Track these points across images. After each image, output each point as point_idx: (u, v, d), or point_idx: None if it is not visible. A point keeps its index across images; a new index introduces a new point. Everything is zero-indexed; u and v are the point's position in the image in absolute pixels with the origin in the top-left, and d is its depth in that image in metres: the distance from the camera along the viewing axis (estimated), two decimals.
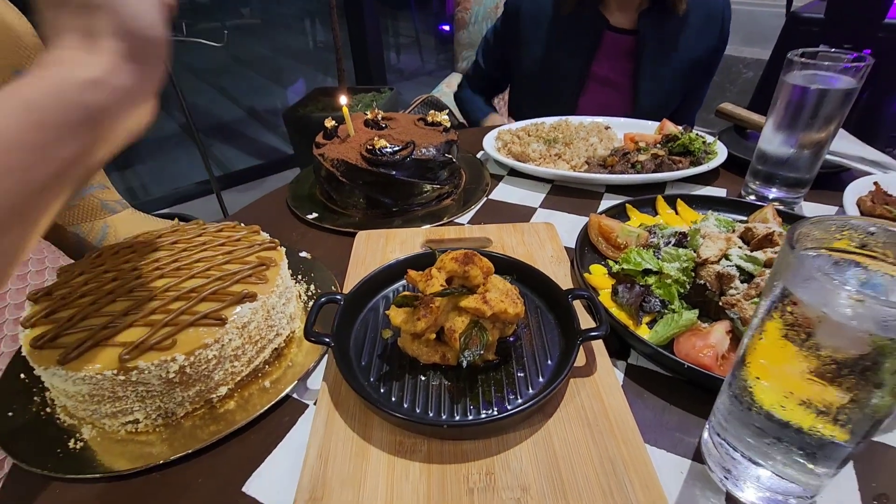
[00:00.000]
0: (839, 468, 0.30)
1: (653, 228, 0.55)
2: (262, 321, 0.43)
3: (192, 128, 1.66)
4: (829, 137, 0.60)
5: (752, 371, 0.30)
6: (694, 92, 1.09)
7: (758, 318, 0.29)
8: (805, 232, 0.27)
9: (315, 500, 0.33)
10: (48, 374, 0.37)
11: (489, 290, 0.39)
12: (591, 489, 0.33)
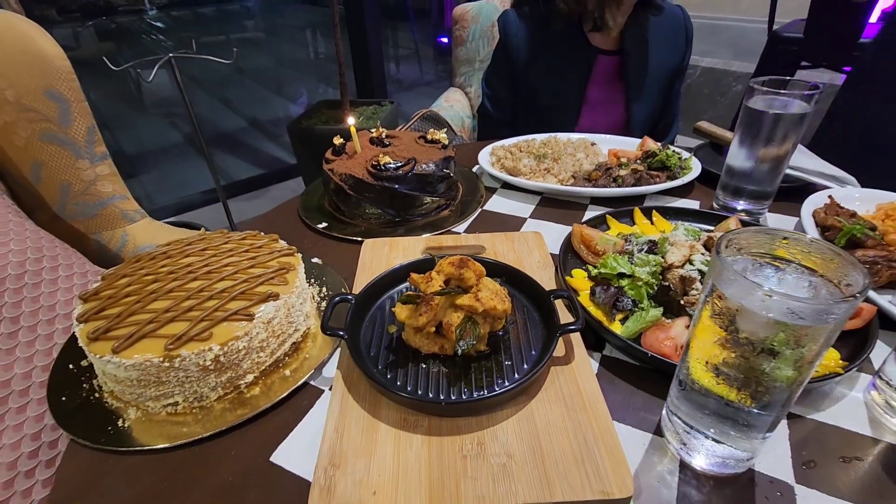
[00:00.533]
0: (767, 433, 0.37)
1: (629, 237, 0.62)
2: (284, 318, 0.50)
3: (199, 137, 1.72)
4: (787, 155, 0.67)
5: (692, 354, 0.36)
6: (673, 103, 1.16)
7: (697, 310, 0.35)
8: (730, 240, 0.34)
9: (334, 467, 0.39)
10: (102, 362, 0.44)
11: (481, 290, 0.46)
12: (565, 456, 0.39)
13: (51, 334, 0.70)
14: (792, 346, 0.30)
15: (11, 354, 0.62)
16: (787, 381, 0.32)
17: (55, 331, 0.70)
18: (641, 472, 0.40)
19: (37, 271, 0.75)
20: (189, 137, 3.33)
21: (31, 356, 0.65)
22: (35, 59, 0.85)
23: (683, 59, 1.13)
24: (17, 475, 0.58)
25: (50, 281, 0.75)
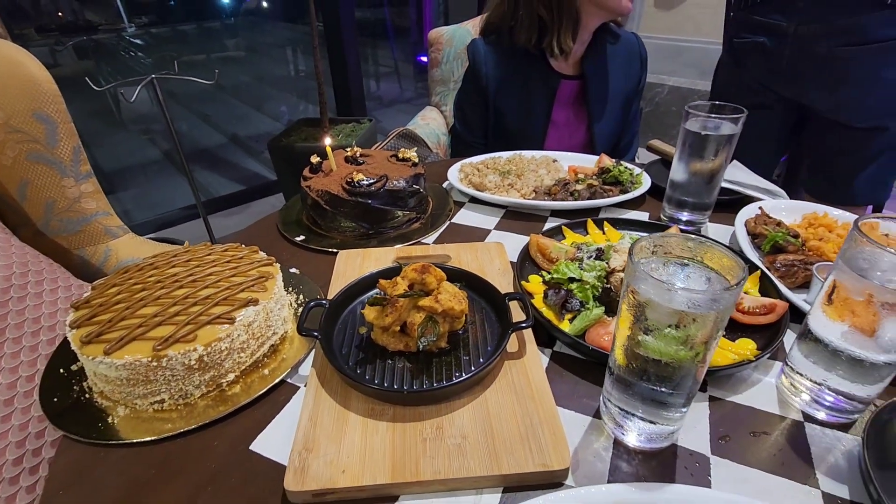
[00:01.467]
0: (682, 409, 0.43)
1: (580, 246, 0.68)
2: (263, 321, 0.54)
3: (179, 154, 1.76)
4: (720, 170, 0.74)
5: (617, 343, 0.42)
6: (633, 121, 1.25)
7: (619, 305, 0.41)
8: (643, 245, 0.40)
9: (307, 451, 0.43)
10: (95, 363, 0.48)
11: (441, 293, 0.51)
12: (513, 436, 0.44)
13: (35, 346, 0.73)
14: (689, 332, 0.36)
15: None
16: (687, 362, 0.38)
17: (40, 342, 0.73)
18: (580, 449, 0.46)
19: (22, 285, 0.78)
20: (168, 154, 3.35)
21: (15, 367, 0.68)
22: (24, 84, 0.89)
23: (639, 81, 1.22)
24: (2, 482, 0.61)
25: (35, 294, 0.78)
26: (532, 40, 1.09)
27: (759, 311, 0.56)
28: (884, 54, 0.98)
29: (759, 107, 1.20)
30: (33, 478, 0.63)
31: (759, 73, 1.15)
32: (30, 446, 0.64)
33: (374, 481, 0.41)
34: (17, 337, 0.72)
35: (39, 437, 0.64)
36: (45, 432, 0.63)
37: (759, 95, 1.18)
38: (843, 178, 1.14)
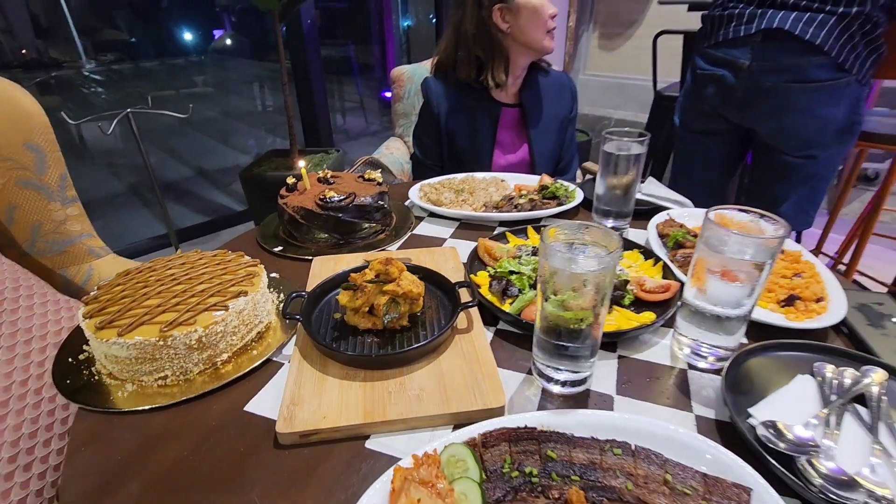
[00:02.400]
0: (590, 360, 0.55)
1: (520, 247, 0.82)
2: (251, 310, 0.64)
3: (153, 183, 1.82)
4: (633, 183, 0.90)
5: (537, 315, 0.55)
6: (569, 145, 1.43)
7: (539, 279, 0.54)
8: (547, 234, 0.53)
9: (294, 405, 0.53)
10: (108, 345, 0.56)
11: (402, 279, 0.63)
12: (461, 387, 0.56)
13: (28, 353, 0.79)
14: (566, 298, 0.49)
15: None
16: (579, 323, 0.51)
17: (32, 350, 0.80)
18: (515, 396, 0.57)
19: (14, 299, 0.85)
20: (133, 187, 3.36)
21: (10, 372, 0.75)
22: (18, 117, 0.97)
23: (571, 110, 1.41)
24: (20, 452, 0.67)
25: (26, 307, 0.85)
26: (472, 75, 1.27)
27: (658, 290, 0.70)
28: (818, 92, 1.18)
29: (712, 132, 1.41)
30: (26, 475, 0.70)
31: (716, 101, 1.34)
32: (24, 445, 0.71)
33: (350, 422, 0.51)
34: (12, 345, 0.78)
35: (33, 437, 0.71)
36: (53, 426, 0.70)
37: (713, 122, 1.38)
38: (772, 203, 1.35)
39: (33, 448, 0.67)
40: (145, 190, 3.28)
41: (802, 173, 1.29)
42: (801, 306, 0.68)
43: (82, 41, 3.17)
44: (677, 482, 0.44)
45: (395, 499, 0.41)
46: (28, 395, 0.75)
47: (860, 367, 0.57)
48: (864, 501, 0.42)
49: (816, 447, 0.47)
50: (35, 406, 0.70)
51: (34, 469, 0.67)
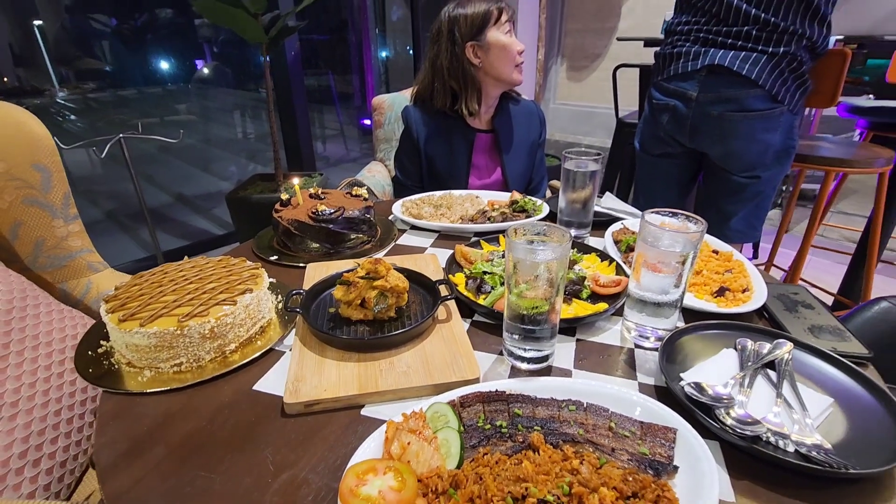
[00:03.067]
0: (550, 341, 0.65)
1: (492, 252, 0.92)
2: (256, 305, 0.73)
3: (142, 207, 1.88)
4: (591, 197, 1.03)
5: (506, 305, 0.65)
6: (539, 166, 1.56)
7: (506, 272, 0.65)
8: (511, 231, 0.64)
9: (298, 381, 0.62)
10: (130, 335, 0.64)
11: (389, 276, 0.73)
12: (441, 365, 0.65)
13: (35, 358, 0.86)
14: (523, 289, 0.60)
15: (3, 374, 0.77)
16: (535, 311, 0.61)
17: (39, 356, 0.86)
18: (488, 372, 0.67)
19: (22, 307, 0.91)
20: (110, 213, 3.38)
21: (19, 375, 0.81)
22: (27, 139, 1.05)
23: (540, 135, 1.55)
24: (9, 472, 0.72)
25: (33, 315, 0.92)
26: (447, 105, 1.41)
27: (611, 284, 0.81)
28: (757, 120, 1.34)
29: (668, 155, 1.56)
30: (36, 469, 0.75)
31: (670, 127, 1.50)
32: (33, 442, 0.76)
33: (347, 393, 0.60)
34: (20, 350, 0.85)
35: (41, 434, 0.77)
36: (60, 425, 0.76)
37: (669, 146, 1.54)
38: (723, 218, 1.51)
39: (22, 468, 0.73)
40: (123, 216, 3.30)
41: (748, 192, 1.45)
42: (730, 296, 0.80)
43: (64, 70, 3.23)
44: (619, 428, 0.54)
45: (389, 445, 0.50)
46: (37, 395, 0.81)
47: (773, 341, 0.68)
48: (765, 433, 0.53)
49: (731, 400, 0.57)
50: (50, 403, 0.76)
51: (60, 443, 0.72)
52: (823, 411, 0.58)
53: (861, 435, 0.55)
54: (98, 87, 3.47)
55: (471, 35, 1.33)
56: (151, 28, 3.48)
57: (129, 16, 3.29)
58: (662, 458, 0.50)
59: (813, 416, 0.56)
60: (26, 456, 0.77)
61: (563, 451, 0.50)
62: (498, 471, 0.47)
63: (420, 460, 0.48)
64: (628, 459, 0.50)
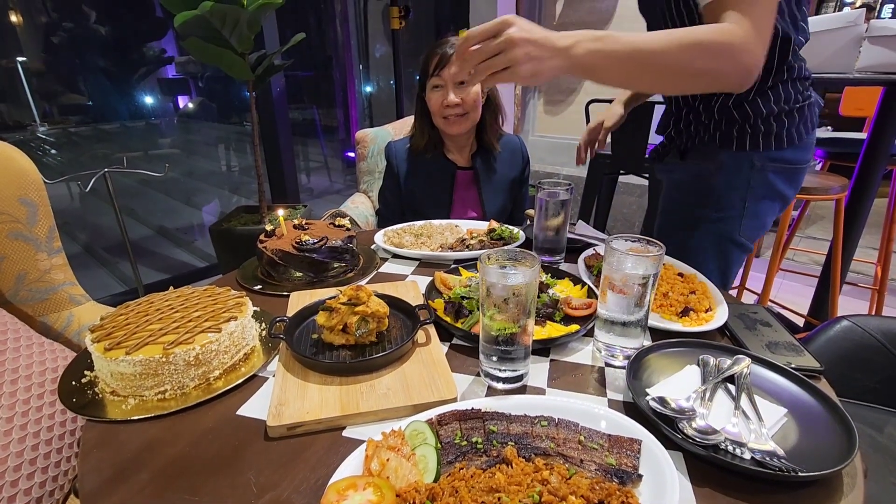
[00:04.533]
0: (524, 361, 0.69)
1: (470, 279, 0.96)
2: (240, 333, 0.75)
3: (125, 240, 1.89)
4: (563, 225, 1.08)
5: (482, 328, 0.68)
6: (518, 200, 1.62)
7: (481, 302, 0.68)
8: (484, 257, 0.68)
9: (281, 404, 0.64)
10: (116, 363, 0.65)
11: (370, 302, 0.76)
12: (421, 386, 0.67)
13: (14, 392, 0.86)
14: (494, 312, 0.64)
15: None
16: (507, 333, 0.65)
17: (18, 389, 0.86)
18: (466, 392, 0.69)
19: (2, 341, 0.91)
20: (89, 247, 3.35)
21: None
22: (14, 175, 1.07)
23: (524, 171, 1.61)
24: None
25: (13, 349, 0.92)
26: (422, 145, 1.50)
27: (582, 307, 0.86)
28: None
29: None
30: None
31: None
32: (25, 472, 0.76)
33: (329, 415, 0.62)
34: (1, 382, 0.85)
35: (17, 471, 0.76)
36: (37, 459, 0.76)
37: None
38: None
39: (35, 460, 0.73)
40: (103, 249, 3.28)
41: None
42: (694, 316, 0.85)
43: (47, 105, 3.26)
44: (588, 441, 0.57)
45: (369, 462, 0.52)
46: (14, 430, 0.81)
47: (733, 357, 0.73)
48: (723, 442, 0.56)
49: (693, 412, 0.61)
50: (28, 437, 0.76)
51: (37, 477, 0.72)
52: (778, 421, 0.62)
53: (812, 442, 0.59)
54: (80, 122, 3.49)
55: (424, 80, 1.43)
56: (135, 64, 3.54)
57: (112, 52, 3.35)
58: (628, 468, 0.53)
59: (768, 425, 0.60)
60: (0, 492, 0.76)
61: (535, 463, 0.53)
62: (472, 483, 0.50)
63: (399, 476, 0.50)
64: (596, 469, 0.53)
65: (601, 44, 0.77)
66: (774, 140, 1.02)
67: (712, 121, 1.08)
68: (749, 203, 1.08)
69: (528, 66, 0.75)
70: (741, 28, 0.76)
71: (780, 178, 1.06)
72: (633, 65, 0.79)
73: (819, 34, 1.75)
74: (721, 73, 0.80)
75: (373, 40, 4.61)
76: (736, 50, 0.77)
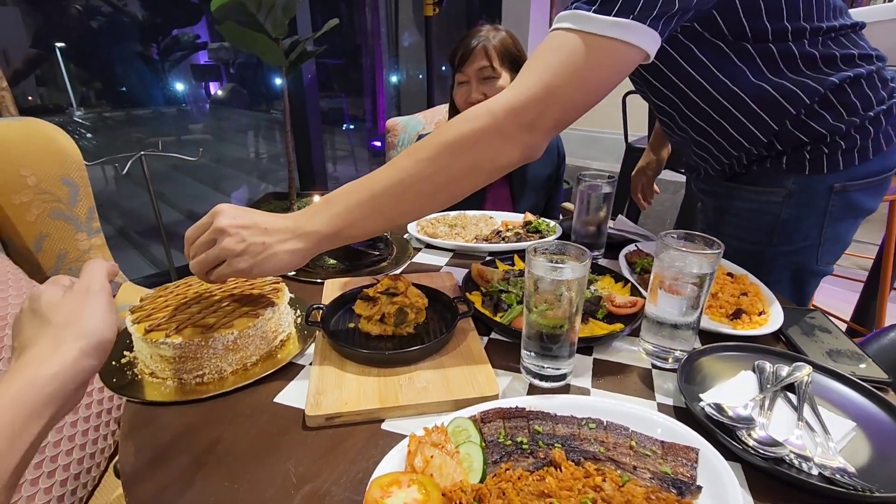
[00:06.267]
0: (568, 360, 0.66)
1: (508, 271, 0.94)
2: (277, 319, 0.74)
3: (158, 223, 1.92)
4: (605, 219, 1.04)
5: (524, 323, 0.66)
6: (552, 198, 1.58)
7: (525, 295, 0.66)
8: (531, 249, 0.65)
9: (319, 394, 0.62)
10: (156, 345, 0.65)
11: (408, 293, 0.74)
12: (461, 381, 0.65)
13: None
14: (544, 308, 0.61)
15: None
16: (556, 329, 0.62)
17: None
18: (507, 390, 0.67)
19: None
20: (122, 230, 3.43)
21: None
22: (57, 154, 1.09)
23: (558, 169, 1.57)
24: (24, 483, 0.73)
25: None
26: None
27: (626, 305, 0.82)
28: None
29: None
30: None
31: None
32: None
33: (368, 407, 0.60)
34: None
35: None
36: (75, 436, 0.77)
37: None
38: None
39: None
40: (135, 232, 3.35)
41: None
42: (746, 318, 0.80)
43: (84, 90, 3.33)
44: (640, 447, 0.54)
45: (412, 458, 0.50)
46: None
47: (792, 364, 0.68)
48: (788, 456, 0.53)
49: (752, 421, 0.57)
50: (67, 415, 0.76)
51: None
52: (846, 435, 0.57)
53: (884, 459, 0.55)
54: (115, 107, 3.57)
55: (454, 71, 1.39)
56: (169, 49, 3.59)
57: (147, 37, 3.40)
58: (685, 478, 0.50)
59: (835, 439, 0.56)
60: (42, 467, 0.77)
61: (585, 468, 0.50)
62: (521, 486, 0.47)
63: (443, 474, 0.49)
64: (650, 478, 0.50)
65: (337, 200, 0.69)
66: (858, 154, 0.87)
67: (773, 151, 0.92)
68: (828, 229, 0.92)
69: (251, 259, 0.64)
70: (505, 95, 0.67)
71: (865, 194, 0.91)
72: (391, 196, 0.69)
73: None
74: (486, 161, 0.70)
75: (402, 28, 4.57)
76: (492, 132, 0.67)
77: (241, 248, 0.63)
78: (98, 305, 0.47)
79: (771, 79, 0.84)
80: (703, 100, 0.91)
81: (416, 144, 0.69)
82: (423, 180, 0.67)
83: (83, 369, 0.44)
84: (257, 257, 0.64)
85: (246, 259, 0.64)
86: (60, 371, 0.42)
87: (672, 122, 1.01)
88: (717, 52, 0.84)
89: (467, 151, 0.67)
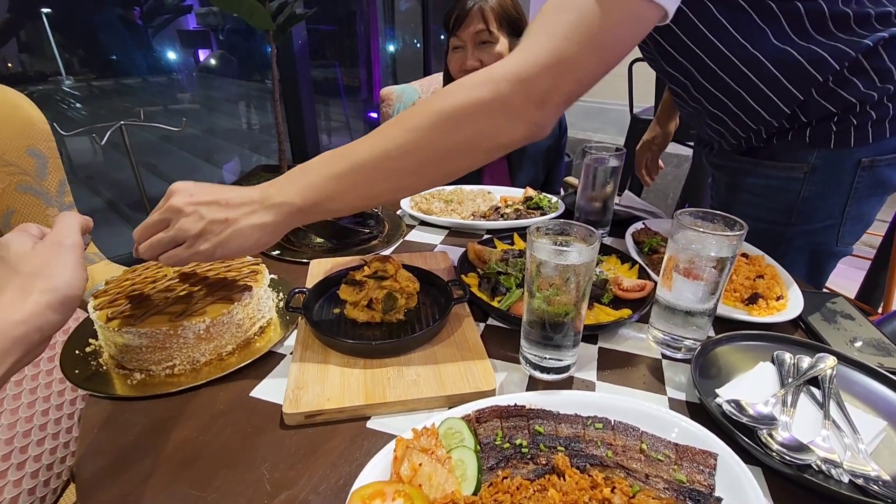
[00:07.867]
0: (572, 350, 0.60)
1: (506, 251, 0.87)
2: (255, 304, 0.68)
3: (142, 197, 1.84)
4: (611, 195, 0.97)
5: (524, 309, 0.60)
6: (553, 171, 1.50)
7: (525, 278, 0.59)
8: (533, 229, 0.58)
9: (299, 388, 0.57)
10: (119, 335, 0.59)
11: (398, 276, 0.68)
12: (454, 373, 0.60)
13: None
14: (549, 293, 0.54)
15: None
16: (561, 317, 0.56)
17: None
18: (505, 383, 0.62)
19: None
20: (110, 203, 3.33)
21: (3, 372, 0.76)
22: (22, 124, 1.00)
23: (559, 140, 1.48)
24: None
25: None
26: None
27: (635, 289, 0.76)
28: None
29: None
30: None
31: None
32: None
33: (352, 404, 0.55)
34: None
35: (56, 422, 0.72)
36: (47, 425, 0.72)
37: None
38: None
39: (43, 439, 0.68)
40: (123, 205, 3.26)
41: None
42: (763, 304, 0.74)
43: (66, 57, 3.18)
44: (652, 450, 0.49)
45: (398, 465, 0.45)
46: (23, 394, 0.77)
47: (814, 355, 0.63)
48: (815, 461, 0.47)
49: (774, 420, 0.52)
50: (37, 402, 0.71)
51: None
52: (877, 435, 0.52)
53: None
54: (102, 75, 3.42)
55: (448, 35, 1.30)
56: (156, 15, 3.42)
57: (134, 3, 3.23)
58: (702, 488, 0.45)
59: (865, 440, 0.51)
60: (10, 458, 0.72)
61: (592, 476, 0.45)
62: (520, 498, 0.42)
63: (433, 484, 0.43)
64: (664, 488, 0.45)
65: (313, 170, 0.59)
66: (889, 126, 0.79)
67: (795, 123, 0.85)
68: (851, 207, 0.86)
69: (213, 238, 0.55)
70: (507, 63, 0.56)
71: (894, 168, 0.84)
72: (374, 170, 0.58)
73: None
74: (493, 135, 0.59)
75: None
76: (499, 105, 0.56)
77: (199, 227, 0.55)
78: (69, 260, 0.46)
79: (796, 42, 0.76)
80: (720, 67, 0.83)
81: (407, 111, 0.60)
82: (409, 154, 0.57)
83: (49, 322, 0.43)
84: (220, 235, 0.55)
85: (208, 239, 0.55)
86: (28, 319, 0.41)
87: (685, 92, 0.93)
88: (737, 12, 0.76)
89: (464, 125, 0.57)
